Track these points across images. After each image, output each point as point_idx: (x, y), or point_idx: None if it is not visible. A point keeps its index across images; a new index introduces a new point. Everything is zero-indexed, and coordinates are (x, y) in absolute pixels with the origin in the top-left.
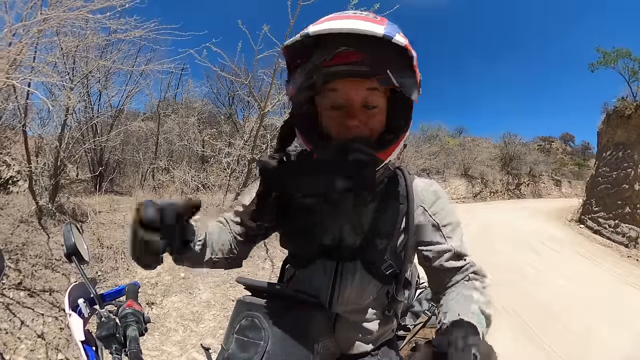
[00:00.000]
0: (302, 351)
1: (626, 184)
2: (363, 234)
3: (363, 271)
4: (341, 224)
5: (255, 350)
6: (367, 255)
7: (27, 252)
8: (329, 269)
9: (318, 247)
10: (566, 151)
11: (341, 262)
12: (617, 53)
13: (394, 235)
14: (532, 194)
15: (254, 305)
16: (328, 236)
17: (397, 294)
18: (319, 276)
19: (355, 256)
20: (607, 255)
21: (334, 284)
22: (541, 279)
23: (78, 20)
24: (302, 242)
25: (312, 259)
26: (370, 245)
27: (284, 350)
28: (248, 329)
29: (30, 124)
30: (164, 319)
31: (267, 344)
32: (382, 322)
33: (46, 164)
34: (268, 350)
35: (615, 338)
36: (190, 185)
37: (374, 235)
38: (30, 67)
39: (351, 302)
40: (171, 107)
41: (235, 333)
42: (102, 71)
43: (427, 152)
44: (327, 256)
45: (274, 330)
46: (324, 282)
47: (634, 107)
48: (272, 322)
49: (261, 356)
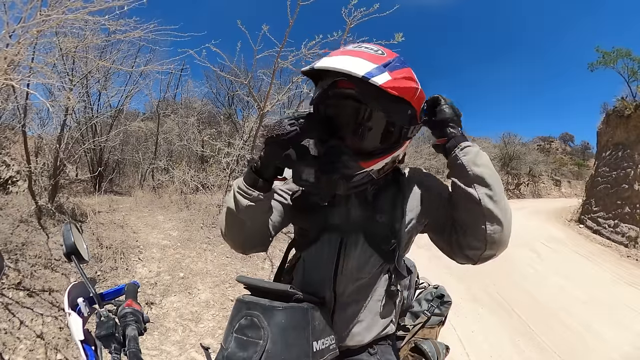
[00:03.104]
0: (301, 350)
1: (626, 184)
2: (365, 211)
3: (365, 244)
4: (345, 203)
5: (254, 349)
6: (369, 228)
7: (27, 252)
8: (334, 242)
9: (326, 222)
10: (566, 151)
11: (345, 236)
12: (617, 53)
13: (392, 213)
14: (532, 193)
15: (253, 304)
16: (335, 214)
17: (399, 266)
18: (324, 251)
19: (358, 230)
20: (606, 255)
21: (338, 255)
22: (541, 278)
23: (77, 21)
24: (312, 217)
25: (319, 235)
26: (372, 220)
27: (284, 349)
28: (247, 328)
29: (29, 124)
30: (163, 318)
31: (266, 343)
32: (384, 307)
33: (45, 164)
34: (267, 350)
35: (615, 338)
36: (189, 185)
37: (375, 212)
38: (29, 67)
39: (355, 273)
40: (171, 107)
41: (234, 332)
42: (101, 71)
43: (427, 152)
44: (333, 231)
45: (273, 329)
46: (329, 254)
47: (633, 107)
48: (272, 321)
49: (260, 355)
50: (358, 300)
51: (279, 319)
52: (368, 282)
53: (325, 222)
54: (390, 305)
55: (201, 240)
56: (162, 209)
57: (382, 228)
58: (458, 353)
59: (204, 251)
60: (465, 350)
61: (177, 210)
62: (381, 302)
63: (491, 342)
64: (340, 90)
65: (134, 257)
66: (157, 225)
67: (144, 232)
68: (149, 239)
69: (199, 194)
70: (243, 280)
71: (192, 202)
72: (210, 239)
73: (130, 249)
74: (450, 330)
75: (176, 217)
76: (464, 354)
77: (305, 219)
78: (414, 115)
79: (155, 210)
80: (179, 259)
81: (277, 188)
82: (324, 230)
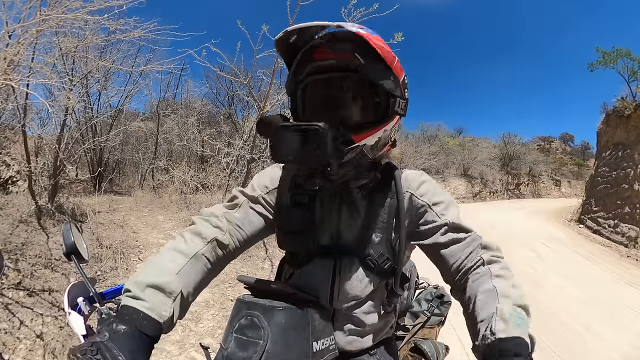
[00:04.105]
0: (301, 350)
1: (625, 184)
2: (358, 230)
3: (360, 266)
4: (336, 222)
5: (254, 349)
6: (364, 250)
7: (27, 252)
8: (327, 267)
9: (315, 246)
10: (566, 151)
11: (339, 259)
12: (617, 53)
13: (388, 229)
14: (532, 193)
15: (253, 304)
16: (325, 235)
17: (395, 287)
18: (317, 274)
19: (352, 252)
20: (606, 255)
21: (333, 280)
22: (541, 278)
23: (77, 21)
24: (300, 242)
25: (310, 258)
26: (366, 241)
27: (284, 349)
28: (247, 328)
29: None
30: None
31: (266, 343)
32: (382, 316)
33: (46, 164)
34: (267, 350)
35: (615, 338)
36: (189, 185)
37: (368, 231)
38: (28, 67)
39: (351, 297)
40: (171, 107)
41: (234, 332)
42: (101, 71)
43: (427, 152)
44: (325, 254)
45: (273, 329)
46: (323, 280)
47: (633, 107)
48: (272, 321)
49: (260, 355)
50: (356, 313)
51: (279, 319)
52: (366, 298)
53: (315, 245)
54: (389, 316)
55: None
56: (162, 209)
57: (378, 249)
58: (458, 353)
59: None
60: (465, 350)
61: (177, 210)
62: (379, 313)
63: None
64: (317, 64)
65: (134, 257)
66: (157, 225)
67: (144, 232)
68: (148, 238)
69: (198, 194)
70: (244, 280)
71: (192, 202)
72: None
73: (130, 248)
74: (450, 330)
75: (176, 217)
76: (464, 354)
77: (292, 241)
78: (397, 85)
79: (155, 210)
80: None
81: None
82: (315, 255)
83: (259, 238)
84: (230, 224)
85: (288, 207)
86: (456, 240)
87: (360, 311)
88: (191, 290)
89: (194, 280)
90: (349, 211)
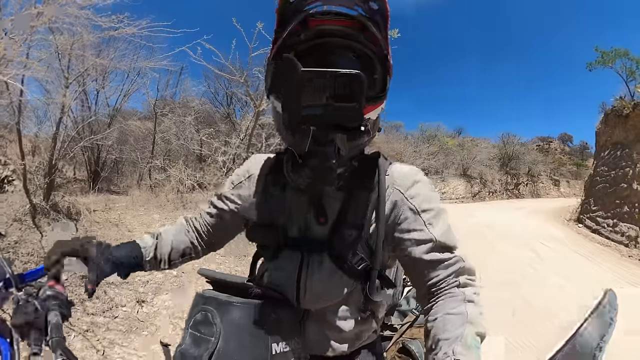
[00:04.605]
0: (257, 351)
1: (624, 183)
2: (330, 224)
3: (331, 264)
4: (307, 213)
5: (206, 346)
6: (335, 246)
7: (20, 250)
8: (295, 260)
9: (283, 238)
10: (565, 151)
11: (306, 254)
12: (615, 53)
13: (365, 226)
14: (531, 193)
15: (209, 299)
16: (294, 227)
17: (371, 293)
18: (286, 269)
19: (323, 248)
20: (606, 254)
21: (299, 277)
22: (540, 278)
23: (69, 17)
24: (267, 233)
25: (278, 251)
26: (338, 236)
27: (236, 349)
28: (201, 324)
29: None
30: (153, 317)
31: (217, 340)
32: (359, 323)
33: (41, 163)
34: (218, 349)
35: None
36: (186, 184)
37: (342, 226)
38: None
39: (320, 298)
40: (168, 106)
41: (190, 327)
42: (98, 70)
43: (426, 152)
44: (293, 248)
45: (226, 326)
46: (289, 275)
47: (631, 106)
48: (225, 317)
49: (210, 353)
50: (329, 317)
51: (233, 316)
52: (339, 302)
53: (283, 237)
54: (367, 323)
55: None
56: (158, 208)
57: (351, 247)
58: None
59: None
60: None
61: (173, 209)
62: (356, 320)
63: (486, 341)
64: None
65: None
66: (152, 224)
67: (139, 230)
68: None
69: (195, 192)
70: (204, 273)
71: (189, 201)
72: None
73: None
74: None
75: (172, 215)
76: None
77: (259, 232)
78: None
79: (151, 209)
80: None
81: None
82: (283, 246)
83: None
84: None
85: (258, 196)
86: (439, 262)
87: (333, 315)
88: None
89: (174, 237)
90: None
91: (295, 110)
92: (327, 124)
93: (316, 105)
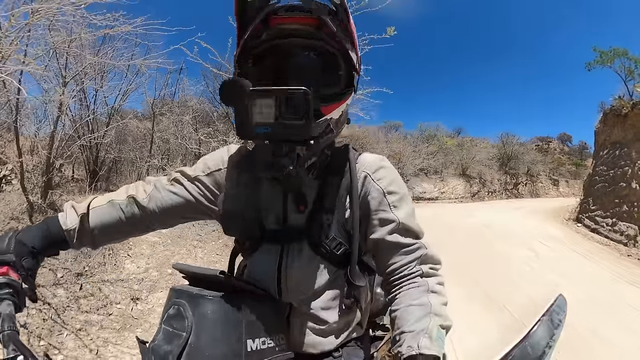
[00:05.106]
0: (231, 347)
1: (623, 182)
2: (307, 212)
3: (310, 252)
4: (283, 204)
5: (178, 342)
6: (313, 233)
7: None
8: (274, 252)
9: (261, 230)
10: (564, 151)
11: (286, 244)
12: (614, 52)
13: (340, 211)
14: (530, 193)
15: (182, 292)
16: (271, 218)
17: (352, 276)
18: (265, 262)
19: (301, 237)
20: (605, 253)
21: (279, 267)
22: (536, 276)
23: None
24: (244, 226)
25: (257, 244)
26: (316, 223)
27: (209, 345)
28: (174, 319)
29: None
30: (148, 314)
31: (189, 335)
32: (343, 313)
33: (39, 161)
34: (190, 344)
35: (614, 338)
36: None
37: (319, 212)
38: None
39: (301, 286)
40: (167, 105)
41: (163, 322)
42: (96, 69)
43: (426, 152)
44: (272, 240)
45: (198, 320)
46: (269, 267)
47: (630, 105)
48: (197, 311)
49: (181, 349)
50: (313, 308)
51: (205, 310)
52: (321, 292)
53: (260, 229)
54: (351, 312)
55: (192, 237)
56: None
57: (327, 232)
58: (445, 351)
59: (194, 248)
60: (453, 346)
61: None
62: (340, 309)
63: (481, 340)
64: (281, 26)
65: (123, 253)
66: None
67: None
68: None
69: None
70: (179, 267)
71: None
72: (201, 237)
73: (119, 245)
74: None
75: None
76: (452, 350)
77: (235, 226)
78: (357, 59)
79: None
80: (169, 256)
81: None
82: (262, 240)
83: (185, 215)
84: (156, 190)
85: (231, 188)
86: (401, 245)
87: (317, 306)
88: (98, 225)
89: (101, 219)
90: (297, 192)
91: (246, 128)
92: (278, 139)
93: (265, 125)
